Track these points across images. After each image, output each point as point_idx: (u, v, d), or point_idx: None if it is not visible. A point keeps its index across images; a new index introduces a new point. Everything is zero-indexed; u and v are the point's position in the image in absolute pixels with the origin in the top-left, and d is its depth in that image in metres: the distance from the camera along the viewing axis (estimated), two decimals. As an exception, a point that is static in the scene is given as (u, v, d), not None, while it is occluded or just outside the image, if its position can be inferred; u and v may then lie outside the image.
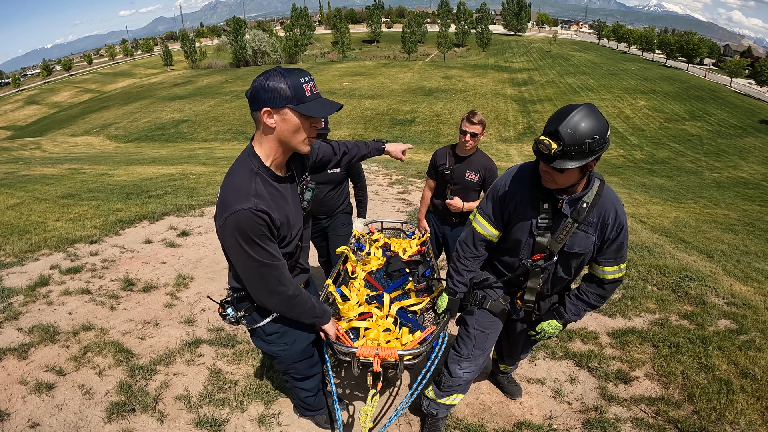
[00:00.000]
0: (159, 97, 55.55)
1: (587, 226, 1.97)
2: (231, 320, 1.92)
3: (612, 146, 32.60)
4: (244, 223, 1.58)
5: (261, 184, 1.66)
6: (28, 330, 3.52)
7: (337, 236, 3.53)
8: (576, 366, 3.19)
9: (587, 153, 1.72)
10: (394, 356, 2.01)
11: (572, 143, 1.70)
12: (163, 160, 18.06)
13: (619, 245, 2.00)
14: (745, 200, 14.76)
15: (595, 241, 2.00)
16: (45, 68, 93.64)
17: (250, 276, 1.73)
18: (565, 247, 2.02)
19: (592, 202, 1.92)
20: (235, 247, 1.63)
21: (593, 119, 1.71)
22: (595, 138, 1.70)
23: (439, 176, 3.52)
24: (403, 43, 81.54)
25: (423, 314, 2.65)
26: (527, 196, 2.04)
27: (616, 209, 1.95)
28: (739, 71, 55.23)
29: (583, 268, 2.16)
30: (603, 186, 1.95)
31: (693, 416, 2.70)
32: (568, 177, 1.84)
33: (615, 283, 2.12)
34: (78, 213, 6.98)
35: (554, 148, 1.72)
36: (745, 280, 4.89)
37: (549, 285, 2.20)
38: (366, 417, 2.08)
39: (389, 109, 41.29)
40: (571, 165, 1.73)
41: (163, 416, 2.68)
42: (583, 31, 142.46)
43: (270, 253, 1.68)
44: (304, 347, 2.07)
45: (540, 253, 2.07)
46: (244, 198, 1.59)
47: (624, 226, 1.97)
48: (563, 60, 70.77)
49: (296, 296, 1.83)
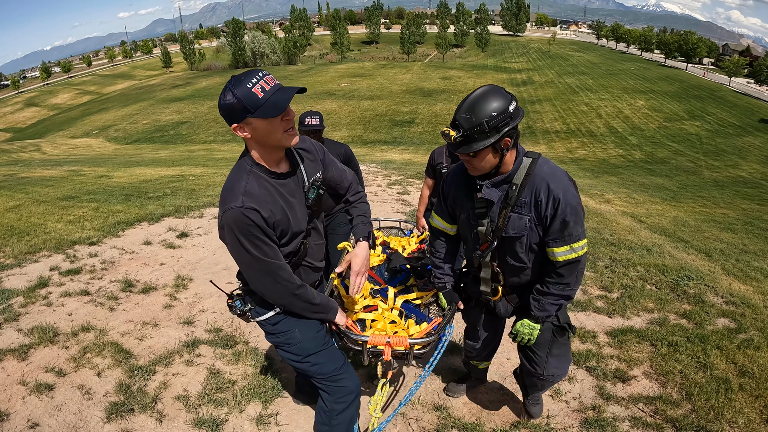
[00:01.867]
0: (158, 98, 55.62)
1: (521, 207, 1.91)
2: (237, 312, 1.95)
3: (611, 146, 32.65)
4: (233, 222, 1.62)
5: (254, 181, 1.68)
6: (28, 331, 3.52)
7: (337, 235, 3.54)
8: (574, 365, 3.19)
9: (489, 132, 1.74)
10: (405, 344, 2.02)
11: (470, 126, 1.74)
12: (163, 162, 18.07)
13: (562, 222, 1.87)
14: (744, 199, 14.78)
15: (530, 221, 1.92)
16: (44, 70, 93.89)
17: (248, 272, 1.77)
18: (503, 233, 1.97)
19: (522, 182, 1.88)
20: (231, 243, 1.68)
21: (489, 98, 1.75)
22: (493, 116, 1.72)
23: (437, 175, 3.54)
24: (402, 44, 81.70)
25: (428, 307, 2.67)
26: (463, 188, 2.08)
27: (549, 184, 1.85)
28: (738, 70, 55.34)
29: (539, 254, 2.03)
30: (535, 164, 1.89)
31: (691, 415, 2.70)
32: (482, 160, 1.83)
33: (570, 266, 1.96)
34: (77, 215, 6.99)
35: (453, 135, 1.78)
36: (744, 278, 4.89)
37: (505, 274, 2.13)
38: (375, 407, 2.09)
39: (388, 110, 41.35)
40: (477, 147, 1.76)
41: (161, 416, 2.68)
42: (581, 31, 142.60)
43: (264, 250, 1.69)
44: (314, 334, 2.00)
45: (484, 242, 2.06)
46: (233, 197, 1.63)
47: (561, 201, 1.84)
48: (562, 60, 70.84)
49: (298, 293, 1.83)
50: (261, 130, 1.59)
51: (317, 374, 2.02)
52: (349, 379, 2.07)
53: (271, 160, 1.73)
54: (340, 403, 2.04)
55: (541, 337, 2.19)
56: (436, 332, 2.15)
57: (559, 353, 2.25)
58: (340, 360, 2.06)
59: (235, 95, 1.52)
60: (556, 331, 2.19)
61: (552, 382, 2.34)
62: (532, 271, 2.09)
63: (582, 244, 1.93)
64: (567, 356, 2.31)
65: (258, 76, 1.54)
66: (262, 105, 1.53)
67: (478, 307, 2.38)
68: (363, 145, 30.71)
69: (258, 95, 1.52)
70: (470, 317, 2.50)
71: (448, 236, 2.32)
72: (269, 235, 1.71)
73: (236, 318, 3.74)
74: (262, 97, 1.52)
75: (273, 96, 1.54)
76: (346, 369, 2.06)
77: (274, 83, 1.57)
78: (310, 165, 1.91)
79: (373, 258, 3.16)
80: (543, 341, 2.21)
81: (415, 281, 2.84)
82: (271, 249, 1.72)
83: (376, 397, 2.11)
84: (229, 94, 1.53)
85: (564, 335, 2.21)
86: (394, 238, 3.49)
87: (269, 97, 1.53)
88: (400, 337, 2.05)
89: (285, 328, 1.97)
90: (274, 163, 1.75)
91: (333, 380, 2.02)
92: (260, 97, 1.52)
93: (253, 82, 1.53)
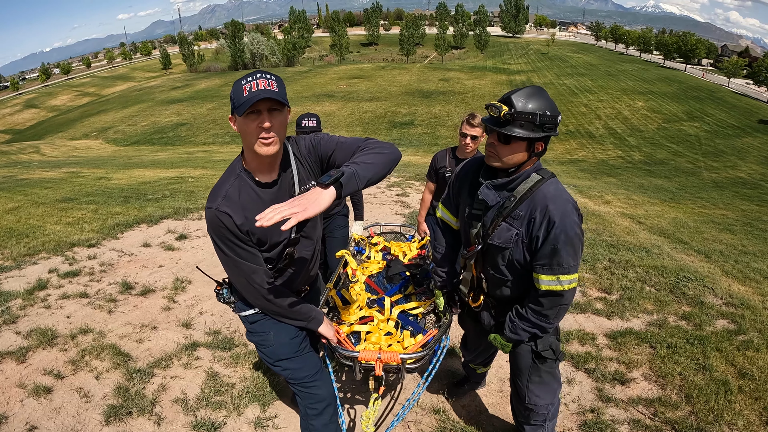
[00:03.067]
0: (157, 100, 55.65)
1: (513, 219, 1.83)
2: (222, 300, 2.02)
3: (610, 147, 32.69)
4: (209, 222, 1.69)
5: (237, 187, 1.70)
6: (26, 333, 3.51)
7: (334, 238, 3.53)
8: (573, 367, 3.19)
9: (536, 126, 1.71)
10: (396, 360, 2.00)
11: (523, 110, 1.70)
12: (162, 164, 18.07)
13: (553, 249, 1.76)
14: (744, 200, 14.78)
15: (517, 235, 1.83)
16: (44, 72, 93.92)
17: (225, 268, 1.83)
18: (489, 240, 1.90)
19: (522, 196, 1.80)
20: (211, 240, 1.75)
21: (546, 98, 1.74)
22: (547, 114, 1.71)
23: (439, 179, 3.52)
24: (401, 46, 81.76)
25: (425, 317, 2.64)
26: (469, 184, 2.03)
27: (548, 205, 1.75)
28: (737, 71, 55.46)
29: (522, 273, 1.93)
30: (542, 182, 1.81)
31: (690, 417, 2.70)
32: (512, 152, 1.77)
33: (552, 298, 1.84)
34: (76, 217, 6.98)
35: (504, 110, 1.70)
36: (744, 280, 4.90)
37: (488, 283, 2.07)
38: (368, 421, 2.07)
39: (387, 112, 41.38)
40: (519, 133, 1.71)
41: (160, 419, 2.68)
42: (580, 32, 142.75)
43: (237, 252, 1.72)
44: (288, 340, 1.97)
45: (473, 244, 2.01)
46: (213, 198, 1.68)
47: (557, 225, 1.73)
48: (561, 61, 70.94)
49: (269, 298, 1.83)
50: (240, 128, 1.60)
51: (289, 379, 2.04)
52: (322, 387, 2.04)
53: (256, 166, 1.70)
54: (312, 409, 2.03)
55: (521, 361, 2.10)
56: (430, 346, 2.12)
57: (539, 381, 2.11)
58: (313, 367, 2.03)
59: (233, 90, 1.57)
60: (536, 358, 2.06)
61: (537, 412, 2.16)
62: (514, 288, 2.00)
63: (571, 279, 1.81)
64: (551, 385, 2.14)
65: (255, 77, 1.55)
66: (242, 103, 1.53)
67: (470, 315, 2.35)
68: (362, 147, 30.62)
69: (243, 93, 1.52)
70: (464, 324, 2.48)
71: (452, 231, 2.28)
72: (243, 240, 1.70)
73: (235, 320, 3.74)
74: (245, 95, 1.52)
75: (250, 95, 1.51)
76: (319, 377, 2.04)
77: (266, 86, 1.53)
78: (303, 171, 1.82)
79: (372, 265, 3.13)
80: (523, 367, 2.11)
81: (414, 289, 2.82)
82: (245, 252, 1.73)
83: (368, 412, 2.09)
84: (232, 89, 1.59)
85: (545, 363, 2.06)
86: (395, 244, 3.47)
87: (249, 96, 1.52)
88: (392, 353, 2.03)
89: (261, 329, 1.97)
90: (259, 170, 1.72)
91: (304, 386, 2.02)
92: (244, 95, 1.52)
93: (248, 80, 1.54)
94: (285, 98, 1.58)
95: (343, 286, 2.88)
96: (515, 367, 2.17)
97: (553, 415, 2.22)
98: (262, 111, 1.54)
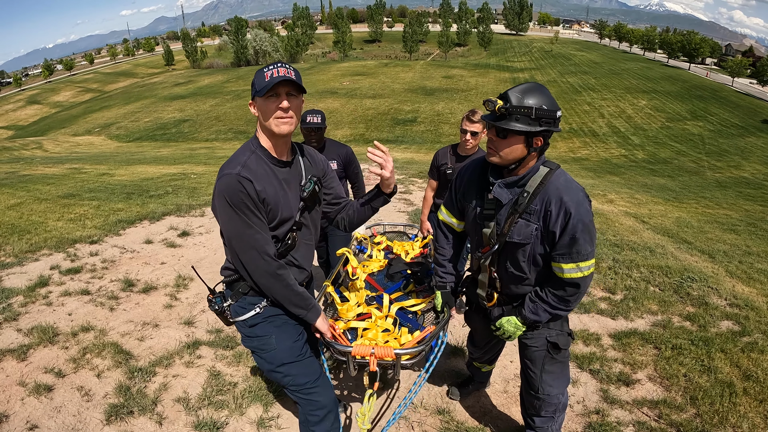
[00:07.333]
0: (160, 96, 55.60)
1: (530, 215, 1.85)
2: (215, 308, 1.95)
3: (613, 146, 32.58)
4: (225, 187, 1.71)
5: (254, 160, 1.79)
6: (28, 331, 3.51)
7: (336, 236, 3.52)
8: (578, 368, 3.17)
9: (533, 119, 1.72)
10: (390, 355, 1.99)
11: (518, 104, 1.72)
12: (164, 160, 18.07)
13: (572, 238, 1.80)
14: (747, 200, 14.70)
15: (537, 230, 1.85)
16: (46, 68, 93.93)
17: (234, 243, 1.78)
18: (507, 238, 1.91)
19: (534, 190, 1.83)
20: (221, 210, 1.75)
21: (543, 93, 1.76)
22: (543, 108, 1.72)
23: (441, 176, 3.50)
24: (405, 43, 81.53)
25: (424, 315, 2.63)
26: (475, 184, 2.04)
27: (562, 197, 1.79)
28: (741, 71, 55.08)
29: (541, 265, 1.97)
30: (551, 174, 1.84)
31: (695, 419, 2.68)
32: (511, 146, 1.78)
33: (574, 286, 1.90)
34: (78, 213, 6.98)
35: (499, 105, 1.74)
36: (748, 281, 4.86)
37: (503, 282, 2.07)
38: (364, 418, 2.05)
39: (390, 109, 41.26)
40: (515, 127, 1.72)
41: (161, 419, 2.66)
42: (584, 30, 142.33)
43: (252, 220, 1.74)
44: (291, 344, 1.95)
45: (487, 245, 2.00)
46: (232, 166, 1.75)
47: (573, 215, 1.77)
48: (565, 59, 70.66)
49: (280, 273, 1.82)
50: (260, 111, 1.76)
51: (289, 385, 1.98)
52: (323, 393, 2.01)
53: (273, 146, 1.84)
54: (313, 416, 2.00)
55: (535, 352, 2.12)
56: (426, 342, 2.11)
57: (553, 370, 2.15)
58: (314, 373, 2.00)
59: (255, 77, 1.75)
60: (550, 347, 2.10)
61: (549, 402, 2.20)
62: (531, 282, 2.02)
63: (589, 265, 1.86)
64: (563, 374, 2.20)
65: (276, 65, 1.72)
66: (263, 86, 1.69)
67: (478, 312, 2.34)
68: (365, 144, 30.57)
69: (265, 78, 1.70)
70: (472, 322, 2.46)
71: (454, 232, 2.29)
72: (259, 208, 1.76)
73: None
74: (267, 80, 1.69)
75: (272, 80, 1.68)
76: (321, 383, 2.01)
77: (285, 74, 1.70)
78: (310, 166, 2.00)
79: (373, 263, 3.14)
80: (537, 357, 2.14)
81: (415, 287, 2.81)
82: (259, 222, 1.76)
83: (363, 409, 2.07)
84: (255, 75, 1.76)
85: (559, 352, 2.11)
86: (397, 243, 3.45)
87: (270, 80, 1.68)
88: (386, 348, 2.01)
89: (262, 332, 1.93)
90: (276, 150, 1.85)
91: (305, 393, 1.99)
92: (266, 80, 1.69)
93: (270, 68, 1.72)
94: (301, 85, 1.75)
95: (343, 283, 2.87)
96: (528, 357, 2.18)
97: (563, 406, 2.26)
98: (281, 94, 1.72)
